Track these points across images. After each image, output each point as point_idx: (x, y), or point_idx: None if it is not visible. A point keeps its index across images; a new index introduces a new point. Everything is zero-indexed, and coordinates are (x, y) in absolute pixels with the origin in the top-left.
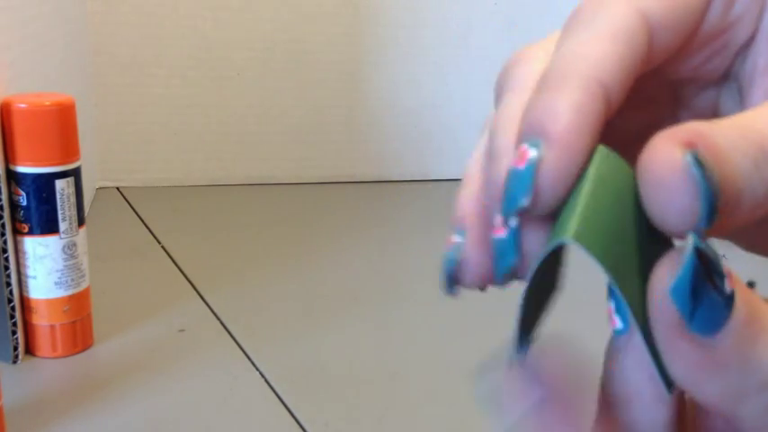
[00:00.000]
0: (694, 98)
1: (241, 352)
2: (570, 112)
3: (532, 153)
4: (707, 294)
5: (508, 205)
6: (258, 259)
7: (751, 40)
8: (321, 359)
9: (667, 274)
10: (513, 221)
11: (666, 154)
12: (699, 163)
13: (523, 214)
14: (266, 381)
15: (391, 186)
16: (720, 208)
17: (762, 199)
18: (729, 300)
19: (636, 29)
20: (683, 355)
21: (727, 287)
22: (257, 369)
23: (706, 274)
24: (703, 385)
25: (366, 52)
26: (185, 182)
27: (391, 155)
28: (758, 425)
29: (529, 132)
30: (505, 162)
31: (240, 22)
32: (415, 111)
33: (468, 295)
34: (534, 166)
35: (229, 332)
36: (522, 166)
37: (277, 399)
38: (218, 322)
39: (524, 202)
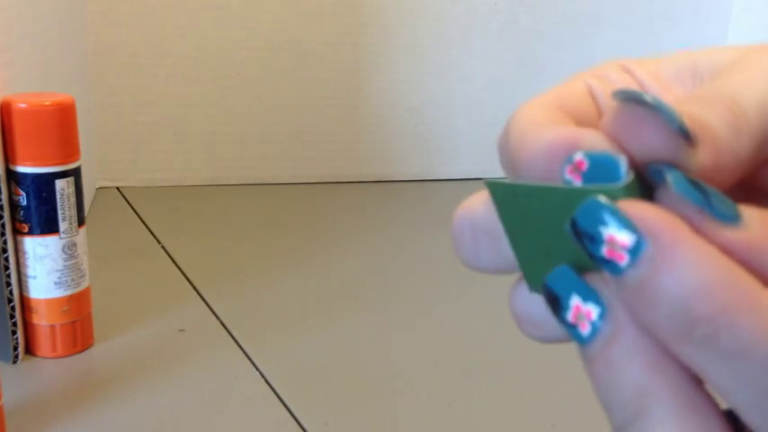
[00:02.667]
0: None
1: (241, 352)
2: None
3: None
4: (706, 188)
5: None
6: (258, 259)
7: None
8: (321, 359)
9: (667, 181)
10: None
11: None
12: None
13: None
14: (266, 380)
15: (392, 186)
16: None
17: (744, 156)
18: (727, 196)
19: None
20: (733, 244)
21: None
22: (257, 369)
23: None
24: (758, 264)
25: (366, 52)
26: (185, 182)
27: (392, 155)
28: None
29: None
30: None
31: (240, 22)
32: (416, 110)
33: (467, 296)
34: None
35: (229, 332)
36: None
37: (277, 398)
38: (218, 322)
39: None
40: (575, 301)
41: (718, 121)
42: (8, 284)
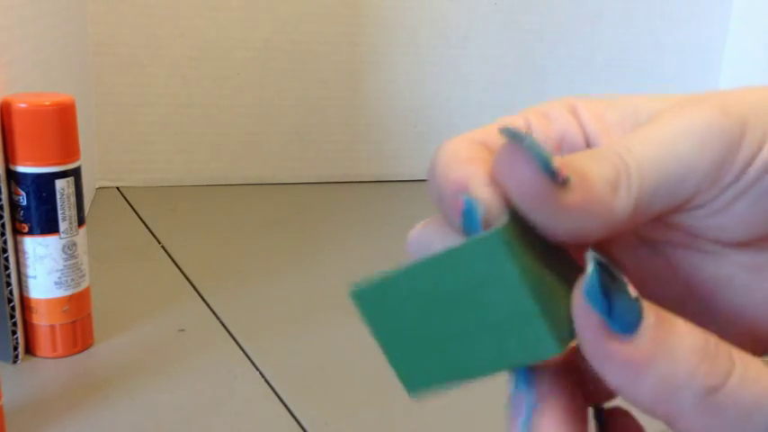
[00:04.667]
0: None
1: (241, 352)
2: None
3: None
4: (617, 294)
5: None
6: (258, 259)
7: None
8: (321, 359)
9: (581, 284)
10: None
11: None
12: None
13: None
14: (266, 380)
15: (391, 186)
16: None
17: (631, 212)
18: (637, 301)
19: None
20: (613, 356)
21: (632, 291)
22: (257, 369)
23: (610, 277)
24: (636, 384)
25: (366, 52)
26: (185, 182)
27: (391, 154)
28: (694, 424)
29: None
30: None
31: (240, 22)
32: (415, 111)
33: None
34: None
35: (229, 332)
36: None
37: (277, 398)
38: (217, 322)
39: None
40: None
41: (597, 171)
42: (8, 284)
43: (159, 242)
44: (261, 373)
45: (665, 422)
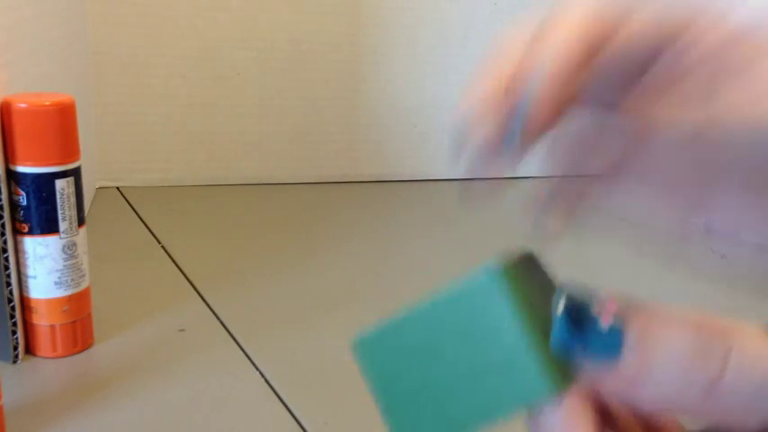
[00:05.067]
0: None
1: (241, 352)
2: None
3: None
4: (588, 333)
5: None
6: (258, 259)
7: None
8: (321, 359)
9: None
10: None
11: None
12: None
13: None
14: (266, 380)
15: (391, 186)
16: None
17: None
18: (613, 329)
19: None
20: (605, 380)
21: (604, 324)
22: (257, 369)
23: (578, 320)
24: (636, 397)
25: (366, 52)
26: (185, 181)
27: (391, 155)
28: (702, 412)
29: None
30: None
31: (240, 22)
32: (415, 111)
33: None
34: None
35: (229, 332)
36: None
37: (277, 398)
38: (218, 322)
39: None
40: None
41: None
42: (8, 284)
43: (159, 242)
44: (261, 373)
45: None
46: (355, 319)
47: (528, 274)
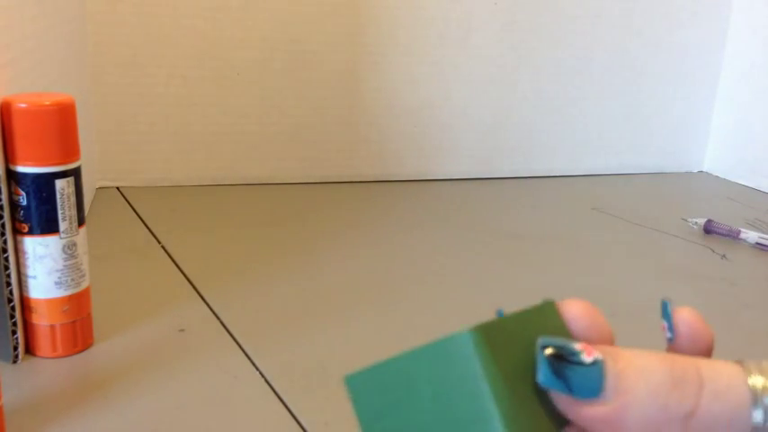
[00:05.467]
0: None
1: (241, 351)
2: None
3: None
4: (572, 372)
5: None
6: (258, 259)
7: None
8: (321, 359)
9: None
10: None
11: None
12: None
13: None
14: (266, 380)
15: (390, 186)
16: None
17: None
18: (594, 365)
19: None
20: (589, 418)
21: (586, 359)
22: (257, 369)
23: (560, 359)
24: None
25: (366, 52)
26: (185, 181)
27: (391, 154)
28: None
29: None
30: None
31: (240, 22)
32: (415, 110)
33: (466, 294)
34: None
35: (229, 332)
36: None
37: (277, 398)
38: (218, 322)
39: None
40: None
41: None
42: (8, 284)
43: (159, 242)
44: (261, 373)
45: None
46: (355, 318)
47: (504, 336)
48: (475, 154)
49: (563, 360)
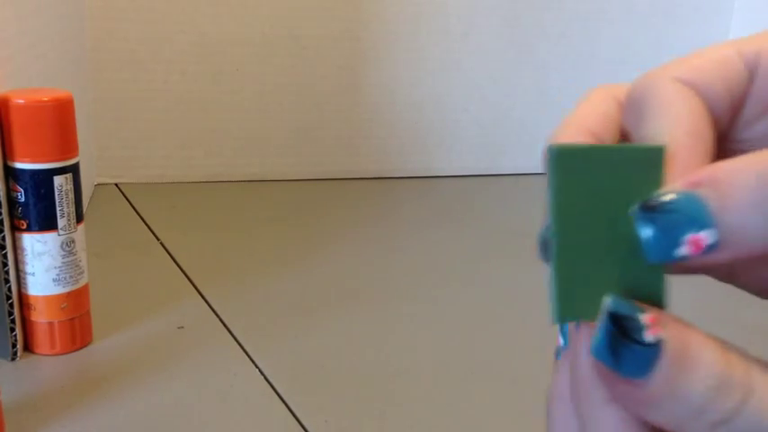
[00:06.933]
0: None
1: (240, 349)
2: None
3: None
4: (627, 349)
5: None
6: (257, 256)
7: None
8: (320, 356)
9: (589, 341)
10: None
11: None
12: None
13: None
14: (265, 378)
15: (392, 182)
16: (722, 241)
17: (762, 234)
18: (653, 347)
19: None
20: (623, 395)
21: (648, 337)
22: (256, 366)
23: (622, 333)
24: (648, 415)
25: (367, 48)
26: (184, 178)
27: (392, 151)
28: None
29: None
30: None
31: (239, 18)
32: (416, 107)
33: (467, 292)
34: None
35: (228, 329)
36: None
37: (276, 396)
38: (217, 319)
39: None
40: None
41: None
42: (6, 281)
43: (158, 239)
44: (260, 371)
45: None
46: (356, 316)
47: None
48: (476, 150)
49: (624, 334)
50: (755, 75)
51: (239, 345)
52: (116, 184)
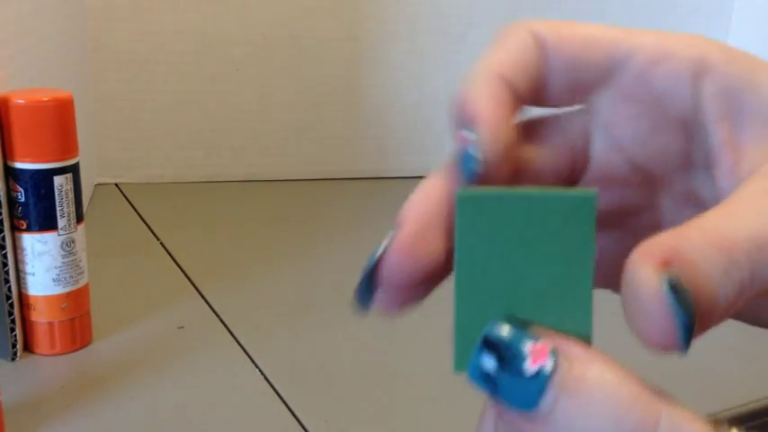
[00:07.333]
0: (669, 182)
1: (240, 349)
2: (481, 99)
3: (472, 136)
4: (508, 379)
5: (466, 175)
6: (257, 256)
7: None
8: (320, 356)
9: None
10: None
11: (646, 281)
12: (676, 289)
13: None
14: (265, 378)
15: (391, 182)
16: (697, 321)
17: (733, 299)
18: (537, 376)
19: (528, 41)
20: (512, 423)
21: (528, 369)
22: (256, 366)
23: (500, 361)
24: None
25: (366, 48)
26: (184, 178)
27: (391, 151)
28: None
29: (460, 121)
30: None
31: (239, 18)
32: (416, 106)
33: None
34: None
35: (228, 329)
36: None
37: (276, 396)
38: (217, 319)
39: (478, 170)
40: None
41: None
42: (6, 281)
43: (158, 239)
44: (260, 371)
45: None
46: (355, 316)
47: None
48: None
49: (502, 360)
50: (546, 56)
51: (239, 344)
52: (116, 184)
